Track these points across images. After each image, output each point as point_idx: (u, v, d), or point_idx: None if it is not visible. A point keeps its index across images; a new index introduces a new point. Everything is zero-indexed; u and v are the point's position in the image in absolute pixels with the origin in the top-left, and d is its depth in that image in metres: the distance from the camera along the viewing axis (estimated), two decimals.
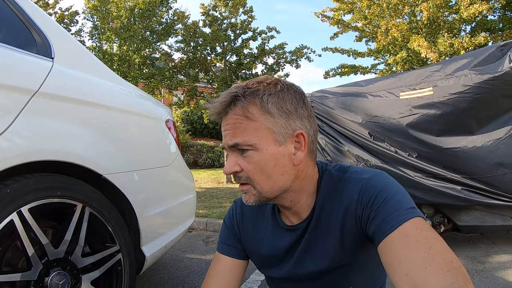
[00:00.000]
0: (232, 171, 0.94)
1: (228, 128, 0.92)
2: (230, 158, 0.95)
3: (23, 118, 1.33)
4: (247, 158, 0.92)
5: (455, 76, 3.34)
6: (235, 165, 0.93)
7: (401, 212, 0.82)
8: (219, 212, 5.47)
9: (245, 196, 0.97)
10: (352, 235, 0.95)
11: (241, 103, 0.90)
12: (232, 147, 0.92)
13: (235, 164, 0.93)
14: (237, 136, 0.91)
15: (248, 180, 0.94)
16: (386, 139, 3.65)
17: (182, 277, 2.97)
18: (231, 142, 0.92)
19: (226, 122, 0.93)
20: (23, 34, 1.57)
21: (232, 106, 0.91)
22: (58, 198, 1.42)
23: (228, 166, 0.94)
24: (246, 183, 0.95)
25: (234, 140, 0.91)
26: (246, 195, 0.97)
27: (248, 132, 0.90)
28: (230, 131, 0.92)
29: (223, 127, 0.94)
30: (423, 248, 0.72)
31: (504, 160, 3.20)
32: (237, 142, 0.91)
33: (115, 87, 2.03)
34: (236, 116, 0.91)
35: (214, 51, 10.53)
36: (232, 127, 0.91)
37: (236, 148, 0.92)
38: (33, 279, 1.29)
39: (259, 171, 0.92)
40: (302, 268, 1.06)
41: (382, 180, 0.93)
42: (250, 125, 0.90)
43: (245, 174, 0.94)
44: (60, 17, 10.54)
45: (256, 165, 0.92)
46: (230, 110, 0.91)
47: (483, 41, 8.16)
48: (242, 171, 0.94)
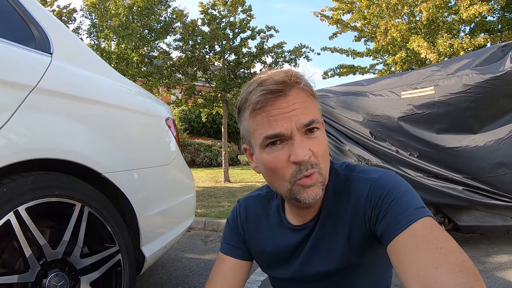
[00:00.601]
0: (310, 154, 0.85)
1: (298, 107, 0.84)
2: (300, 142, 0.84)
3: (20, 114, 1.29)
4: (316, 140, 0.87)
5: (456, 76, 3.34)
6: (308, 149, 0.85)
7: (410, 212, 0.80)
8: (218, 212, 5.45)
9: (314, 189, 0.87)
10: (360, 235, 0.94)
11: (305, 84, 0.88)
12: (307, 125, 0.85)
13: (308, 148, 0.85)
14: (311, 113, 0.86)
15: (316, 166, 0.86)
16: (387, 139, 3.64)
17: (181, 277, 2.94)
18: (306, 119, 0.84)
19: (293, 101, 0.84)
20: (21, 29, 1.54)
21: (298, 86, 0.86)
22: (56, 197, 1.39)
23: (306, 150, 0.84)
24: (314, 171, 0.86)
25: (311, 117, 0.85)
26: (315, 188, 0.87)
27: (317, 110, 0.90)
28: (302, 109, 0.84)
29: (283, 109, 0.84)
30: (434, 248, 0.71)
31: (505, 160, 3.20)
32: (313, 119, 0.85)
33: (114, 84, 2.01)
34: (303, 95, 0.87)
35: (212, 50, 10.49)
36: (303, 105, 0.85)
37: (306, 129, 0.85)
38: (30, 281, 1.26)
39: (325, 152, 0.90)
40: (309, 269, 1.04)
41: (391, 180, 0.91)
42: (316, 104, 0.90)
43: (315, 160, 0.86)
44: (58, 14, 10.48)
45: (323, 145, 0.89)
46: (294, 89, 0.85)
47: (483, 42, 8.17)
48: (312, 156, 0.86)
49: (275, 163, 0.87)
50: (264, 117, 0.85)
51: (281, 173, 0.87)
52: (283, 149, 0.86)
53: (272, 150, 0.87)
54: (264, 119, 0.85)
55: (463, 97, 3.27)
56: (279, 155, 0.86)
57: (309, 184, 0.86)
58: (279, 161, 0.86)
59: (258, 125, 0.87)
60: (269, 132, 0.85)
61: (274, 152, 0.87)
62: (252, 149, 0.95)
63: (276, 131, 0.84)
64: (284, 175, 0.87)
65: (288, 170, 0.86)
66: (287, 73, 0.86)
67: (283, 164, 0.86)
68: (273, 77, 0.85)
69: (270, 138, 0.85)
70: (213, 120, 20.73)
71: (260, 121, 0.86)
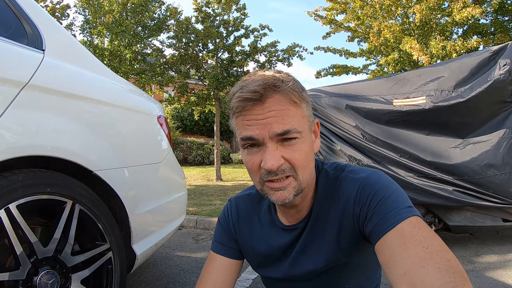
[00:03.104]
0: (280, 163, 0.85)
1: (273, 115, 0.84)
2: (271, 150, 0.85)
3: (12, 111, 1.29)
4: (292, 147, 0.87)
5: (447, 91, 3.46)
6: (280, 157, 0.86)
7: (398, 211, 0.82)
8: (209, 210, 5.45)
9: (284, 193, 0.89)
10: (349, 235, 0.95)
11: (285, 90, 0.86)
12: (281, 135, 0.85)
13: (279, 156, 0.86)
14: (287, 122, 0.85)
15: (291, 171, 0.88)
16: (378, 141, 3.66)
17: (173, 275, 2.94)
18: (280, 129, 0.84)
19: (268, 108, 0.84)
20: (13, 25, 1.52)
21: (275, 93, 0.85)
22: (47, 194, 1.38)
23: (275, 159, 0.85)
24: (289, 175, 0.88)
25: (285, 127, 0.84)
26: (284, 192, 0.89)
27: (297, 119, 0.87)
28: (277, 118, 0.84)
29: (258, 115, 0.85)
30: (420, 247, 0.72)
31: (495, 161, 3.25)
32: (289, 129, 0.84)
33: (106, 81, 2.00)
34: (282, 103, 0.85)
35: (206, 48, 10.46)
36: (280, 113, 0.85)
37: (280, 137, 0.85)
38: (21, 279, 1.26)
39: (304, 159, 0.89)
40: (299, 268, 1.05)
41: (380, 179, 0.93)
42: (297, 112, 0.88)
43: (288, 166, 0.87)
44: (51, 10, 10.37)
45: (302, 153, 0.88)
46: (272, 96, 0.85)
47: (475, 44, 8.24)
48: (284, 163, 0.87)
49: (250, 165, 0.90)
50: (242, 119, 0.88)
51: (254, 174, 0.91)
52: (258, 153, 0.88)
53: (249, 152, 0.90)
54: (241, 121, 0.88)
55: (454, 108, 3.37)
56: (254, 158, 0.89)
57: (278, 187, 0.89)
58: (253, 164, 0.89)
59: (238, 126, 0.90)
60: (243, 134, 0.87)
61: (250, 154, 0.89)
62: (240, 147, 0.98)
63: (249, 135, 0.86)
64: (256, 177, 0.91)
65: (258, 172, 0.90)
66: (266, 80, 0.85)
67: (256, 167, 0.89)
68: (252, 83, 0.86)
69: (245, 140, 0.88)
70: (206, 118, 20.70)
71: (239, 122, 0.89)
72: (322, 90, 4.26)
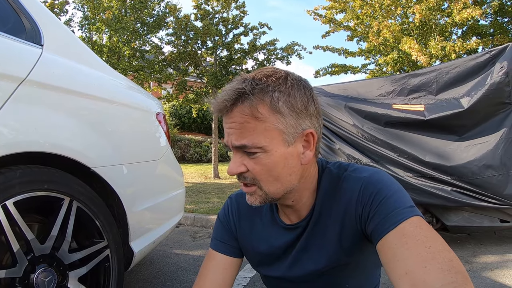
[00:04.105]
0: (238, 171, 0.88)
1: (233, 127, 0.84)
2: (235, 157, 0.89)
3: (9, 106, 1.27)
4: (254, 160, 0.86)
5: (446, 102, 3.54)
6: (241, 165, 0.88)
7: (400, 211, 0.81)
8: (207, 208, 5.44)
9: (250, 197, 0.93)
10: (351, 234, 0.95)
11: (249, 101, 0.82)
12: (238, 148, 0.86)
13: (241, 164, 0.88)
14: (244, 137, 0.84)
15: (254, 181, 0.89)
16: (377, 140, 3.67)
17: (170, 273, 2.93)
18: (237, 143, 0.85)
19: (231, 120, 0.84)
20: (11, 19, 1.51)
21: (239, 104, 0.83)
22: (44, 191, 1.37)
23: (234, 167, 0.88)
24: (252, 184, 0.90)
25: (242, 141, 0.84)
26: (251, 197, 0.93)
27: (257, 133, 0.83)
28: (236, 130, 0.84)
29: (226, 124, 0.87)
30: (422, 247, 0.71)
31: (492, 162, 3.26)
32: (245, 144, 0.84)
33: (105, 77, 1.98)
34: (243, 115, 0.83)
35: (204, 45, 10.42)
36: (239, 126, 0.83)
37: (238, 150, 0.88)
38: (18, 276, 1.25)
39: (267, 173, 0.87)
40: (300, 267, 1.04)
41: (382, 179, 0.92)
42: (259, 126, 0.83)
43: (251, 175, 0.89)
44: (50, 6, 10.31)
45: (264, 167, 0.86)
46: (236, 107, 0.83)
47: (475, 46, 8.26)
48: (248, 172, 0.88)
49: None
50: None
51: None
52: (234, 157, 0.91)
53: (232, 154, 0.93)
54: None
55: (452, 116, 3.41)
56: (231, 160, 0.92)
57: (246, 191, 0.93)
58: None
59: None
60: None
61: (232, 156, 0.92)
62: None
63: (224, 141, 0.91)
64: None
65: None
66: (233, 91, 0.83)
67: None
68: (223, 92, 0.86)
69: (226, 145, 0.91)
70: (204, 116, 20.65)
71: None
72: (322, 89, 4.26)
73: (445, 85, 3.62)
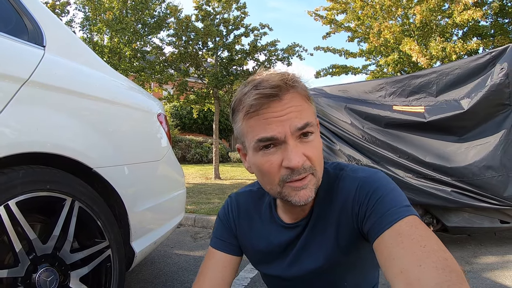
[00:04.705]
0: (303, 160, 0.85)
1: (293, 110, 0.84)
2: (294, 147, 0.84)
3: (12, 107, 1.28)
4: (310, 143, 0.87)
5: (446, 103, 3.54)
6: (302, 155, 0.85)
7: (396, 210, 0.82)
8: (208, 208, 5.45)
9: (306, 191, 0.87)
10: (348, 233, 0.95)
11: (300, 87, 0.88)
12: (301, 129, 0.84)
13: (301, 154, 0.85)
14: (305, 116, 0.85)
15: (311, 169, 0.87)
16: (377, 141, 3.67)
17: (171, 273, 2.94)
18: (301, 123, 0.84)
19: (288, 104, 0.84)
20: (14, 21, 1.52)
21: (291, 89, 0.85)
22: (46, 191, 1.38)
23: (299, 156, 0.84)
24: (308, 174, 0.87)
25: (304, 120, 0.84)
26: (306, 190, 0.87)
27: (312, 114, 0.89)
28: (297, 113, 0.84)
29: (278, 112, 0.84)
30: (417, 246, 0.72)
31: (492, 163, 3.26)
32: (308, 122, 0.85)
33: (106, 78, 1.99)
34: (298, 98, 0.86)
35: (205, 46, 10.43)
36: (298, 108, 0.85)
37: (299, 133, 0.85)
38: (20, 276, 1.25)
39: (320, 155, 0.90)
40: (299, 266, 1.05)
41: (378, 179, 0.93)
42: (310, 108, 0.90)
43: (308, 163, 0.86)
44: (51, 7, 10.34)
45: (318, 148, 0.89)
46: (288, 92, 0.85)
47: (475, 47, 8.25)
48: (306, 161, 0.86)
49: (267, 167, 0.87)
50: (258, 120, 0.85)
51: (272, 176, 0.87)
52: (276, 153, 0.85)
53: (265, 154, 0.86)
54: (257, 121, 0.85)
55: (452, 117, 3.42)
56: (272, 159, 0.86)
57: (300, 186, 0.86)
58: (272, 165, 0.86)
59: (252, 128, 0.87)
60: (262, 135, 0.84)
61: (267, 156, 0.86)
62: (246, 150, 0.94)
63: (269, 135, 0.83)
64: (275, 179, 0.87)
65: (278, 174, 0.86)
66: (283, 76, 0.85)
67: (276, 168, 0.86)
68: (268, 80, 0.84)
69: (263, 141, 0.85)
70: (205, 117, 20.67)
71: (254, 124, 0.86)
72: (322, 90, 4.26)
73: (445, 87, 3.63)
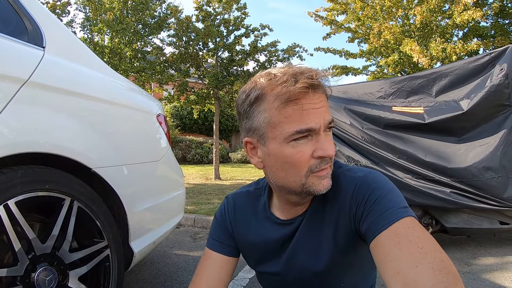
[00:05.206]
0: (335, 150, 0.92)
1: (324, 105, 0.89)
2: (327, 138, 0.90)
3: (12, 108, 1.29)
4: (330, 137, 0.92)
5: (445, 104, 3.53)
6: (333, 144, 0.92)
7: (393, 211, 0.83)
8: (207, 209, 5.45)
9: (327, 180, 0.92)
10: (345, 233, 0.96)
11: (325, 85, 0.91)
12: (330, 122, 0.90)
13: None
14: (330, 113, 0.91)
15: (331, 161, 0.93)
16: (376, 142, 3.68)
17: (170, 273, 2.94)
18: (330, 117, 0.90)
19: (320, 98, 0.88)
20: (14, 21, 1.52)
21: (321, 86, 0.89)
22: (46, 191, 1.39)
23: (332, 146, 0.90)
24: (329, 165, 0.92)
25: (331, 115, 0.91)
26: (328, 179, 0.92)
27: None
28: (326, 107, 0.90)
29: (310, 104, 0.86)
30: (414, 247, 0.72)
31: (492, 164, 3.25)
32: (333, 118, 0.91)
33: (106, 79, 2.00)
34: (324, 96, 0.90)
35: (206, 47, 10.43)
36: (326, 104, 0.91)
37: (328, 127, 0.90)
38: (19, 275, 1.26)
39: None
40: (295, 263, 1.05)
41: (376, 179, 0.93)
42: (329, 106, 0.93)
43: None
44: (51, 7, 10.35)
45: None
46: (321, 88, 0.89)
47: (475, 47, 8.25)
48: None
49: (298, 157, 0.87)
50: (297, 110, 0.85)
51: (301, 167, 0.88)
52: (308, 144, 0.87)
53: (298, 144, 0.87)
54: (296, 112, 0.85)
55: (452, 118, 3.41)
56: (304, 149, 0.87)
57: (325, 175, 0.90)
58: (303, 156, 0.87)
59: (288, 118, 0.86)
60: (301, 127, 0.85)
61: (299, 146, 0.87)
62: (263, 142, 0.92)
63: (309, 126, 0.85)
64: (303, 169, 0.88)
65: (307, 164, 0.88)
66: (317, 72, 0.88)
67: (306, 158, 0.87)
68: (308, 72, 0.86)
69: (302, 133, 0.85)
70: (205, 117, 20.68)
71: (292, 113, 0.85)
72: None
73: (444, 88, 3.63)
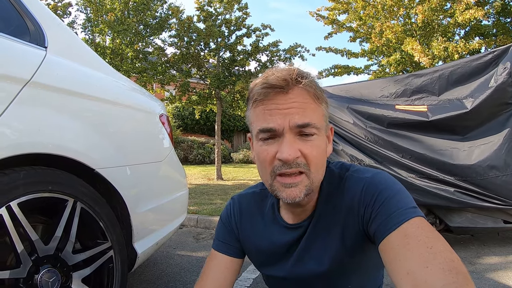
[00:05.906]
0: (296, 155, 0.85)
1: (295, 106, 0.85)
2: (290, 141, 0.85)
3: (14, 108, 1.28)
4: (310, 142, 0.87)
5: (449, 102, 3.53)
6: (297, 150, 0.85)
7: (402, 212, 0.82)
8: (210, 209, 5.44)
9: (295, 190, 0.87)
10: (353, 235, 0.95)
11: (310, 83, 0.88)
12: (301, 127, 0.85)
13: (297, 149, 0.85)
14: (307, 116, 0.86)
15: (305, 168, 0.87)
16: (380, 141, 3.66)
17: (173, 274, 2.94)
18: (301, 121, 0.84)
19: (292, 99, 0.85)
20: (16, 22, 1.52)
21: (302, 83, 0.86)
22: (48, 192, 1.38)
23: (292, 150, 0.84)
24: (302, 171, 0.87)
25: (306, 120, 0.85)
26: (296, 189, 0.87)
27: (317, 115, 0.89)
28: (299, 109, 0.85)
29: (280, 105, 0.85)
30: (424, 247, 0.72)
31: (496, 163, 3.24)
32: (309, 123, 0.85)
33: (108, 79, 1.99)
34: (305, 95, 0.87)
35: (207, 47, 10.43)
36: (302, 105, 0.86)
37: (299, 130, 0.86)
38: (22, 277, 1.25)
39: (320, 157, 0.90)
40: (303, 267, 1.05)
41: (384, 180, 0.93)
42: (318, 109, 0.90)
43: (303, 161, 0.87)
44: (53, 8, 10.35)
45: (319, 150, 0.88)
46: (298, 87, 0.86)
47: (477, 46, 8.23)
48: (300, 157, 0.86)
49: (263, 156, 0.89)
50: (262, 110, 0.87)
51: (266, 166, 0.89)
52: (273, 144, 0.87)
53: (264, 143, 0.89)
54: (261, 112, 0.87)
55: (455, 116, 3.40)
56: (269, 149, 0.88)
57: (289, 183, 0.87)
58: (267, 155, 0.88)
59: (256, 117, 0.89)
60: (263, 126, 0.87)
61: (265, 145, 0.88)
62: (252, 139, 0.96)
63: (269, 126, 0.85)
64: (268, 169, 0.89)
65: (271, 164, 0.88)
66: (291, 71, 0.86)
67: (270, 158, 0.88)
68: (277, 73, 0.86)
69: (263, 132, 0.87)
70: (207, 118, 20.67)
71: (258, 113, 0.88)
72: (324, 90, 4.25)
73: (447, 86, 3.62)
